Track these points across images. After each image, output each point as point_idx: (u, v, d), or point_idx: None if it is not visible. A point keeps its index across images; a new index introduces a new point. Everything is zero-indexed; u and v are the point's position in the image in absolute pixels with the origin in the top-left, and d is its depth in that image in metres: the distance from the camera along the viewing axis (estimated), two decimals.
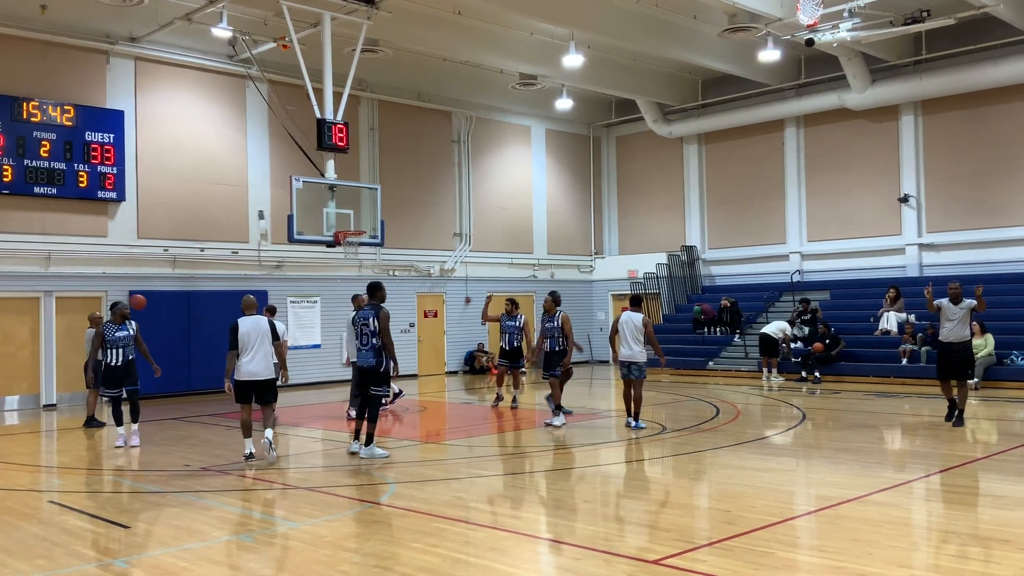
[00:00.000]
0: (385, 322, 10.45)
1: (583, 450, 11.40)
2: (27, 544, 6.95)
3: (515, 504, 8.30)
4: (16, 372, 17.40)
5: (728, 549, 6.40)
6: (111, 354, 11.96)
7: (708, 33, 19.89)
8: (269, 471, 10.04)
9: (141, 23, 17.93)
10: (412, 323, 23.21)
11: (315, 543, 6.86)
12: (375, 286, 10.73)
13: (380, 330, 10.43)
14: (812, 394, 17.35)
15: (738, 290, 24.35)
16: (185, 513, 7.97)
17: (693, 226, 26.28)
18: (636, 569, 5.97)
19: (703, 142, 26.15)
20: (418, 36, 19.01)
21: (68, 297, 17.67)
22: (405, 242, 22.81)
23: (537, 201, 26.61)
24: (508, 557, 6.45)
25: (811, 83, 23.13)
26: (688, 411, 14.56)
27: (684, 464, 10.36)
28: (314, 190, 15.75)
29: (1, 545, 6.91)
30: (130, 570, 6.27)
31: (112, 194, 18.12)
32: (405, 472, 9.87)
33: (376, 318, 10.46)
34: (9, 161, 16.81)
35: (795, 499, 8.54)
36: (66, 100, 17.67)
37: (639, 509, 8.13)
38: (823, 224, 23.73)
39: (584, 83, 23.00)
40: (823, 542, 6.72)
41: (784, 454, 10.98)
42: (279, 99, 19.31)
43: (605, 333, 25.13)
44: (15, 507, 8.54)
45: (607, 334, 17.20)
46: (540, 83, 23.07)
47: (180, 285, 19.16)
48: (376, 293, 10.67)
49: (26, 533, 7.32)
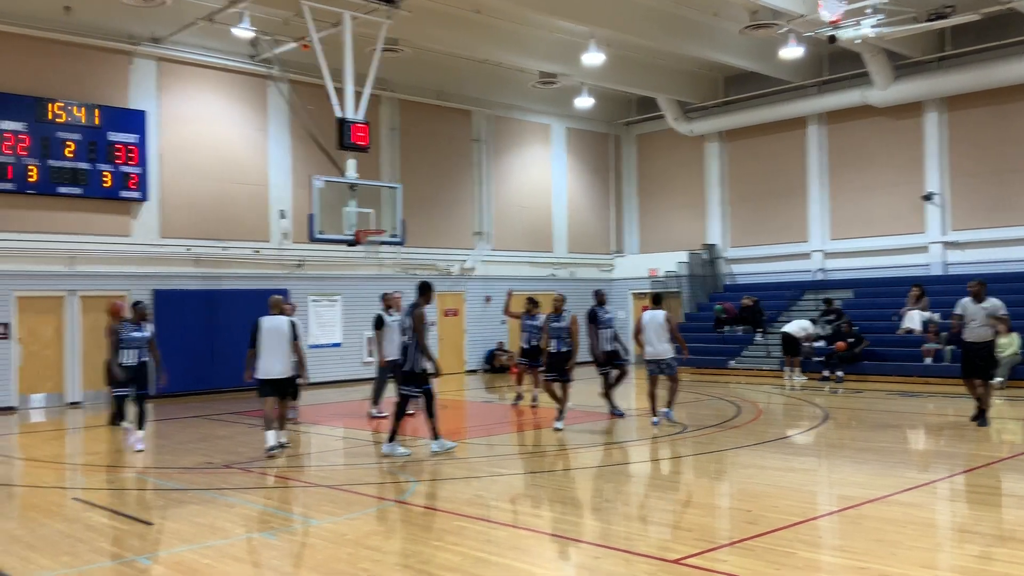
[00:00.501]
0: (418, 321, 10.49)
1: (603, 449, 11.38)
2: (52, 540, 7.02)
3: (536, 503, 8.30)
4: (41, 370, 17.58)
5: (749, 549, 6.37)
6: (125, 354, 11.54)
7: (729, 30, 19.78)
8: (291, 469, 10.09)
9: (164, 24, 18.07)
10: (433, 322, 23.24)
11: (337, 541, 6.88)
12: (423, 286, 10.84)
13: (412, 328, 10.47)
14: (835, 393, 17.23)
15: (760, 288, 24.20)
16: (207, 510, 8.03)
17: (714, 224, 26.16)
18: (656, 568, 5.96)
19: (724, 140, 26.02)
20: (438, 35, 19.03)
21: (92, 296, 17.83)
22: (425, 241, 22.84)
23: (557, 200, 26.58)
24: (529, 556, 6.45)
25: (834, 80, 22.96)
26: (709, 410, 14.50)
27: (705, 463, 10.31)
28: (335, 189, 15.80)
29: (26, 541, 6.99)
30: (153, 567, 6.33)
31: (135, 194, 18.27)
32: (426, 470, 9.89)
33: (410, 316, 10.51)
34: (34, 161, 16.99)
35: (817, 499, 8.48)
36: (90, 101, 17.83)
37: (660, 508, 8.11)
38: (846, 222, 23.55)
39: (604, 81, 22.95)
40: (846, 542, 6.67)
41: (806, 454, 10.91)
42: (300, 99, 19.39)
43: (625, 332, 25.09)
44: (40, 504, 8.64)
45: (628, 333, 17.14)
46: (560, 81, 23.03)
47: (203, 284, 19.30)
48: (424, 293, 10.79)
49: (51, 530, 7.40)
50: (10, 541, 7.01)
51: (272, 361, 10.86)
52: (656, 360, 12.83)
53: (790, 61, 21.16)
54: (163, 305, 18.57)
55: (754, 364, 21.52)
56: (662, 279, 25.41)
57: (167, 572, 6.17)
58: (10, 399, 16.87)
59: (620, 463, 10.56)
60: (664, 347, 12.74)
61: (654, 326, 12.74)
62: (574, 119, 26.70)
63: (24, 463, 11.33)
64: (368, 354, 21.33)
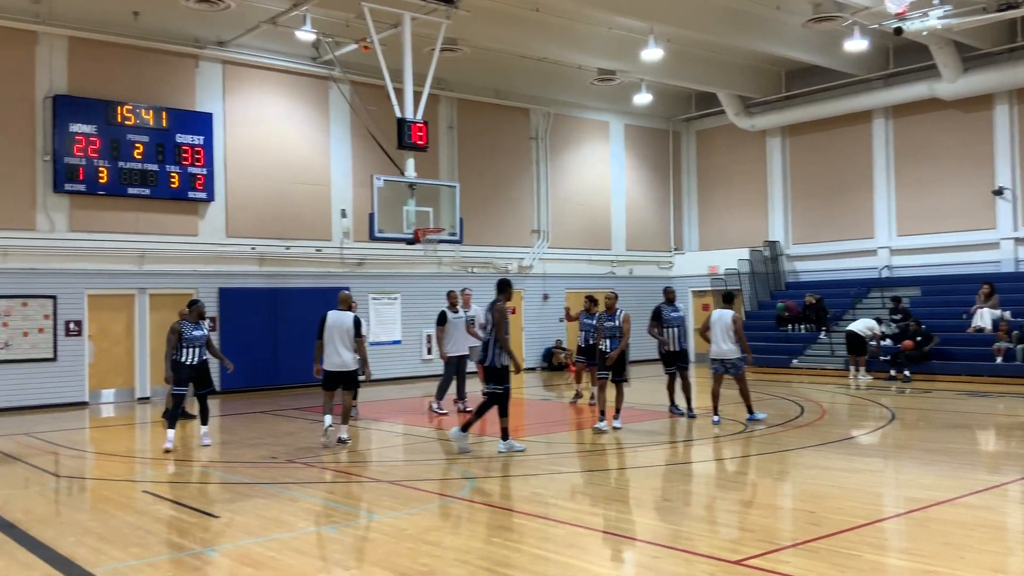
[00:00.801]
0: (499, 317, 10.55)
1: (662, 448, 11.31)
2: (123, 532, 7.23)
3: (594, 501, 8.28)
4: (112, 366, 18.11)
5: (813, 551, 6.27)
6: (186, 352, 11.50)
7: (792, 23, 19.46)
8: (352, 464, 10.23)
9: (228, 28, 18.45)
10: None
11: (397, 536, 6.96)
12: (503, 283, 10.93)
13: (493, 324, 10.56)
14: (902, 393, 16.85)
15: (823, 286, 23.78)
16: (272, 504, 8.18)
17: (776, 221, 25.76)
18: (717, 569, 5.90)
19: (787, 135, 25.60)
20: (496, 34, 19.08)
21: (161, 294, 18.30)
22: (483, 239, 22.93)
23: (616, 197, 26.45)
24: (587, 554, 6.44)
25: (900, 73, 22.41)
26: (771, 410, 14.29)
27: (767, 464, 10.18)
28: (394, 188, 15.97)
29: (98, 533, 7.21)
30: (219, 559, 6.47)
31: (202, 194, 18.69)
32: (484, 467, 9.94)
33: (491, 312, 10.61)
34: (105, 163, 17.49)
35: (883, 501, 8.31)
36: (158, 103, 18.29)
37: (721, 508, 8.03)
38: (913, 218, 22.99)
39: (663, 77, 22.76)
40: (912, 545, 6.53)
41: (872, 454, 10.69)
42: (361, 99, 19.62)
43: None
44: (111, 496, 8.89)
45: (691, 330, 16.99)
46: (619, 78, 22.91)
47: (266, 282, 19.66)
48: (504, 290, 10.87)
49: (121, 522, 7.62)
50: (83, 533, 7.23)
51: (333, 354, 11.47)
52: (721, 359, 12.80)
53: (854, 54, 20.71)
54: (228, 303, 18.98)
55: (818, 363, 21.16)
56: (722, 277, 25.11)
57: (233, 564, 6.31)
58: (82, 394, 17.40)
59: (681, 462, 10.48)
60: (729, 347, 12.67)
61: (721, 325, 12.70)
62: (632, 116, 26.54)
63: (95, 457, 11.68)
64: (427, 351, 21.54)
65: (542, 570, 5.98)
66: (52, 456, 11.47)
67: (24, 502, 8.54)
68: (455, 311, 14.79)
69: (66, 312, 17.25)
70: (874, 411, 14.57)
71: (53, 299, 17.11)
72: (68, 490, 9.57)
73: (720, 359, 12.81)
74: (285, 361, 19.39)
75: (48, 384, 16.97)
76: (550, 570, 5.98)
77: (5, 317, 16.57)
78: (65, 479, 10.09)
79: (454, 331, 14.67)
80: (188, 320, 11.66)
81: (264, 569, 6.12)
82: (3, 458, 11.18)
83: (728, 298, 13.25)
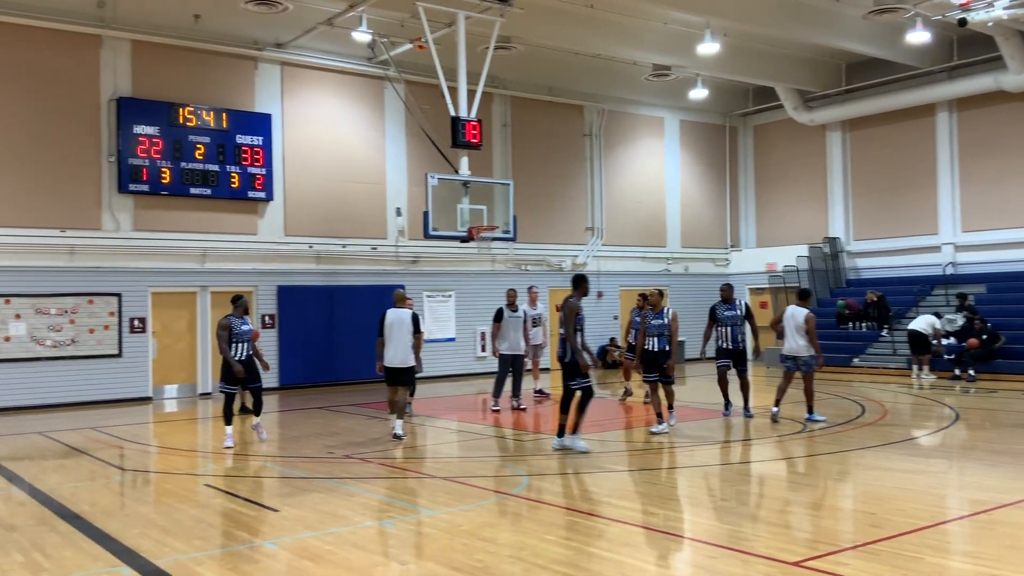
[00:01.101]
0: (569, 313, 10.44)
1: (718, 447, 11.19)
2: (185, 525, 7.39)
3: (648, 500, 8.23)
4: (175, 362, 18.52)
5: (874, 553, 6.15)
6: (236, 348, 11.38)
7: (852, 15, 19.09)
8: (407, 460, 10.31)
9: (286, 29, 18.72)
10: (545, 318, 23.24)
11: (452, 531, 7.00)
12: (578, 279, 10.86)
13: (563, 320, 10.49)
14: (966, 393, 16.44)
15: (885, 283, 23.29)
16: (329, 498, 8.29)
17: (837, 217, 25.30)
18: (774, 570, 5.82)
19: (847, 129, 25.12)
20: (550, 31, 19.05)
21: (222, 292, 18.63)
22: (537, 237, 22.92)
23: (671, 193, 26.22)
24: (641, 553, 6.41)
25: (964, 65, 21.82)
26: (831, 409, 14.05)
27: (827, 464, 10.01)
28: (449, 187, 16.04)
29: (161, 525, 7.38)
30: (279, 552, 6.58)
31: (261, 194, 19.00)
32: (537, 465, 9.95)
33: (563, 309, 10.57)
34: (167, 164, 17.89)
35: (946, 503, 8.12)
36: (218, 105, 18.64)
37: (778, 509, 7.92)
38: (978, 213, 22.39)
39: (720, 72, 22.50)
40: (976, 548, 6.37)
41: (935, 455, 10.45)
42: (415, 99, 19.76)
43: None
44: (174, 490, 9.10)
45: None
46: (674, 73, 22.70)
47: (323, 280, 19.92)
48: (579, 286, 10.79)
49: (184, 515, 7.79)
50: (146, 525, 7.41)
51: (394, 350, 11.81)
52: (793, 356, 12.67)
53: (917, 46, 20.23)
54: (286, 301, 19.28)
55: (879, 362, 20.74)
56: (780, 274, 24.76)
57: (292, 557, 6.41)
58: (146, 390, 17.83)
59: (738, 462, 10.36)
60: (801, 344, 12.50)
61: (794, 322, 12.57)
62: (688, 111, 26.28)
63: (159, 451, 11.96)
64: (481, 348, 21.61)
65: (597, 568, 5.96)
66: (117, 450, 11.77)
67: (90, 495, 8.78)
68: (513, 309, 14.83)
69: (130, 309, 17.68)
70: (938, 411, 14.24)
71: (118, 297, 17.55)
72: (132, 483, 9.82)
73: (792, 356, 12.69)
74: (341, 358, 19.63)
75: (113, 380, 17.42)
76: (605, 568, 5.96)
77: (72, 314, 17.05)
78: (130, 472, 10.35)
79: (510, 329, 14.71)
80: (235, 315, 11.55)
81: (322, 562, 6.21)
82: (70, 452, 11.52)
83: (804, 295, 13.08)
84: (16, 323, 16.51)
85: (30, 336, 16.60)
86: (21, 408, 16.25)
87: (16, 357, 16.47)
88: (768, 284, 25.15)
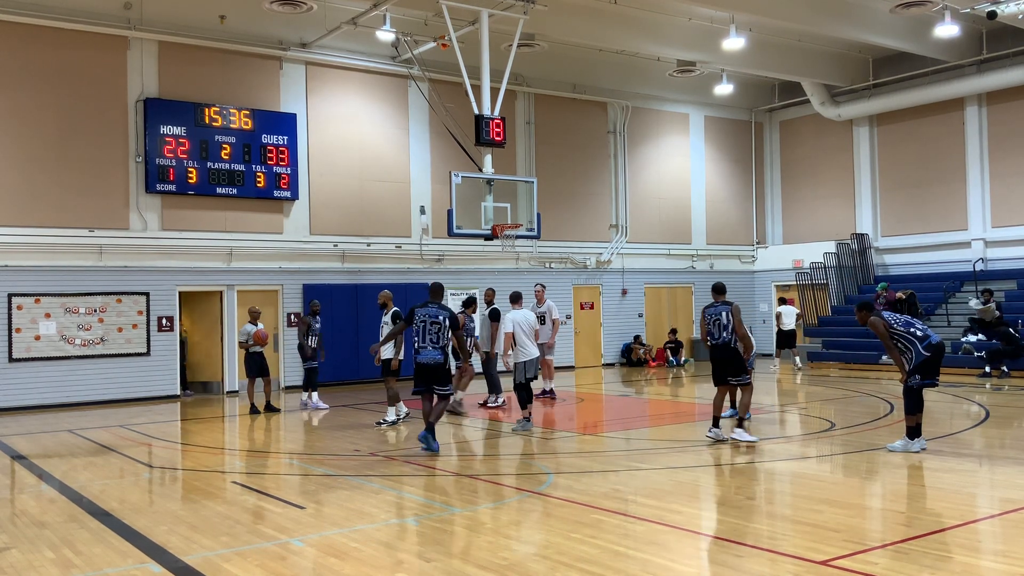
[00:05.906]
0: (736, 315, 10.84)
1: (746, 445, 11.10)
2: (213, 522, 7.44)
3: (674, 498, 8.18)
4: (201, 360, 18.67)
5: (903, 552, 6.08)
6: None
7: (879, 9, 18.89)
8: (432, 458, 10.32)
9: (311, 29, 18.82)
10: (569, 315, 23.21)
11: (477, 529, 7.00)
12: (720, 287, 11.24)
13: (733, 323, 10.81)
14: (997, 391, 16.22)
15: (914, 280, 23.03)
16: (355, 496, 8.32)
17: (864, 213, 25.05)
18: (803, 570, 5.77)
19: (875, 124, 24.86)
20: (574, 28, 19.01)
21: (248, 290, 18.79)
22: (561, 234, 22.89)
23: (696, 190, 26.08)
24: (667, 552, 6.37)
25: (994, 58, 21.54)
26: (859, 407, 13.92)
27: (855, 462, 9.91)
28: (472, 185, 16.04)
29: (189, 522, 7.44)
30: (305, 548, 6.61)
31: (287, 193, 19.11)
32: (563, 463, 9.93)
33: (729, 313, 10.83)
34: (194, 164, 18.03)
35: (977, 501, 8.01)
36: (244, 105, 18.76)
37: (806, 508, 7.84)
38: (1009, 209, 22.08)
39: (745, 67, 22.35)
40: (1008, 547, 6.28)
41: (965, 454, 10.31)
42: (439, 97, 19.78)
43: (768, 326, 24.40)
44: (202, 487, 9.17)
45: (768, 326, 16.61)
46: (699, 69, 22.58)
47: (348, 278, 20.00)
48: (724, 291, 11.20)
49: (212, 511, 7.85)
50: (174, 521, 7.47)
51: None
52: None
53: (945, 40, 20.00)
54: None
55: None
56: (807, 270, 24.55)
57: (318, 554, 6.44)
58: (174, 388, 17.99)
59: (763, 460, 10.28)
60: None
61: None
62: (713, 107, 26.13)
63: (186, 448, 12.06)
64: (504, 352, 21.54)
65: (622, 567, 5.94)
66: (145, 447, 11.89)
67: (119, 491, 8.87)
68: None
69: (158, 308, 17.84)
70: (968, 409, 14.06)
71: (146, 296, 17.73)
72: (161, 480, 9.91)
73: None
74: (366, 356, 19.62)
75: (141, 377, 17.60)
76: (630, 567, 5.94)
77: (101, 313, 17.24)
78: (158, 469, 10.46)
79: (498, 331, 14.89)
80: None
81: (348, 560, 6.23)
82: (99, 449, 11.64)
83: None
84: (46, 322, 16.72)
85: (60, 335, 16.80)
86: (51, 406, 16.46)
87: (46, 356, 16.68)
88: (795, 281, 24.96)
